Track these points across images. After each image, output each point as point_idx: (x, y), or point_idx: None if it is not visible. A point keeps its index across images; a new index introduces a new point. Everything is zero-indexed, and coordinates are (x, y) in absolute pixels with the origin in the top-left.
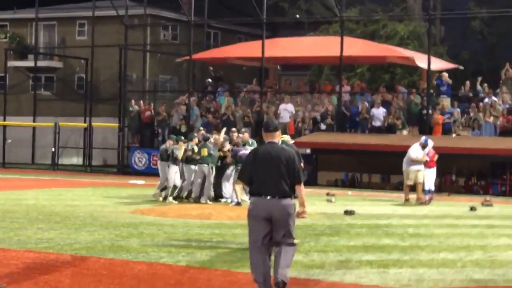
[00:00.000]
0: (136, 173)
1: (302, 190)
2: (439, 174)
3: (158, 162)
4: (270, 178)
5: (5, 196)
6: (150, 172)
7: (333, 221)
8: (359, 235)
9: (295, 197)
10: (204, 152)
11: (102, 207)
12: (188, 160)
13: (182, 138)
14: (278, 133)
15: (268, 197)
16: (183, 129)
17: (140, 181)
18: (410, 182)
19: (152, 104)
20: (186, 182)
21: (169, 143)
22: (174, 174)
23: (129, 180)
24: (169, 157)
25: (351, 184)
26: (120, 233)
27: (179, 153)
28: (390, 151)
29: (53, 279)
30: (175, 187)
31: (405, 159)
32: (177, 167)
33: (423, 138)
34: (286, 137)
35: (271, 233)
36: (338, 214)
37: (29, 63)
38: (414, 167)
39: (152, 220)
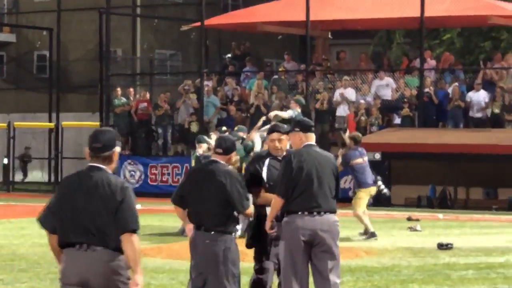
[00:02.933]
0: None
1: None
2: None
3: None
4: (320, 191)
5: None
6: (147, 191)
7: (424, 259)
8: (464, 281)
9: None
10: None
11: None
12: None
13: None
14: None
15: (315, 214)
16: (194, 128)
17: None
18: None
19: (147, 93)
20: None
21: (202, 147)
22: None
23: None
24: None
25: (442, 203)
26: None
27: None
28: (496, 154)
29: None
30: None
31: None
32: None
33: None
34: None
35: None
36: (429, 249)
37: None
38: None
39: (160, 264)
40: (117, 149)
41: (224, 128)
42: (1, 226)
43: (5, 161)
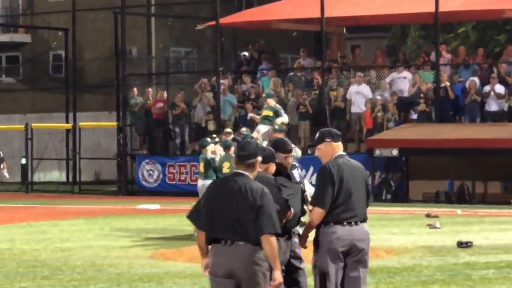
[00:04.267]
0: (145, 193)
1: None
2: None
3: (200, 182)
4: (357, 200)
5: None
6: (165, 190)
7: (444, 258)
8: (485, 281)
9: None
10: (225, 167)
11: (106, 249)
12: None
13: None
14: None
15: (353, 224)
16: (211, 126)
17: (153, 206)
18: None
19: (164, 93)
20: None
21: (208, 150)
22: None
23: (138, 205)
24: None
25: (460, 198)
26: None
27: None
28: None
29: None
30: None
31: None
32: None
33: None
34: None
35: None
36: (448, 247)
37: None
38: None
39: (182, 268)
40: (259, 158)
41: (244, 129)
42: (22, 230)
43: (23, 161)
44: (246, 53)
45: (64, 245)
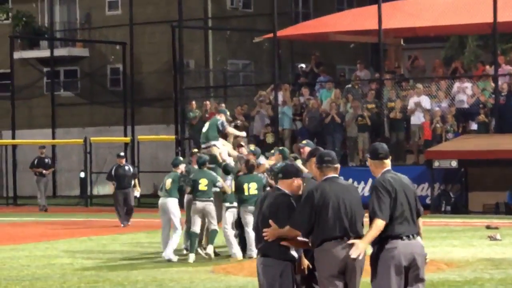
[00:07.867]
0: None
1: None
2: None
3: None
4: (411, 215)
5: (25, 252)
6: None
7: (506, 272)
8: None
9: None
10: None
11: (167, 264)
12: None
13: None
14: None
15: (411, 238)
16: (270, 139)
17: None
18: None
19: (224, 105)
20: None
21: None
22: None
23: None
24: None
25: None
26: None
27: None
28: None
29: None
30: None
31: None
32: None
33: None
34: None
35: None
36: (510, 260)
37: (42, 52)
38: None
39: (243, 282)
40: (338, 165)
41: (304, 141)
42: (82, 244)
43: (82, 175)
44: (303, 65)
45: (125, 259)
